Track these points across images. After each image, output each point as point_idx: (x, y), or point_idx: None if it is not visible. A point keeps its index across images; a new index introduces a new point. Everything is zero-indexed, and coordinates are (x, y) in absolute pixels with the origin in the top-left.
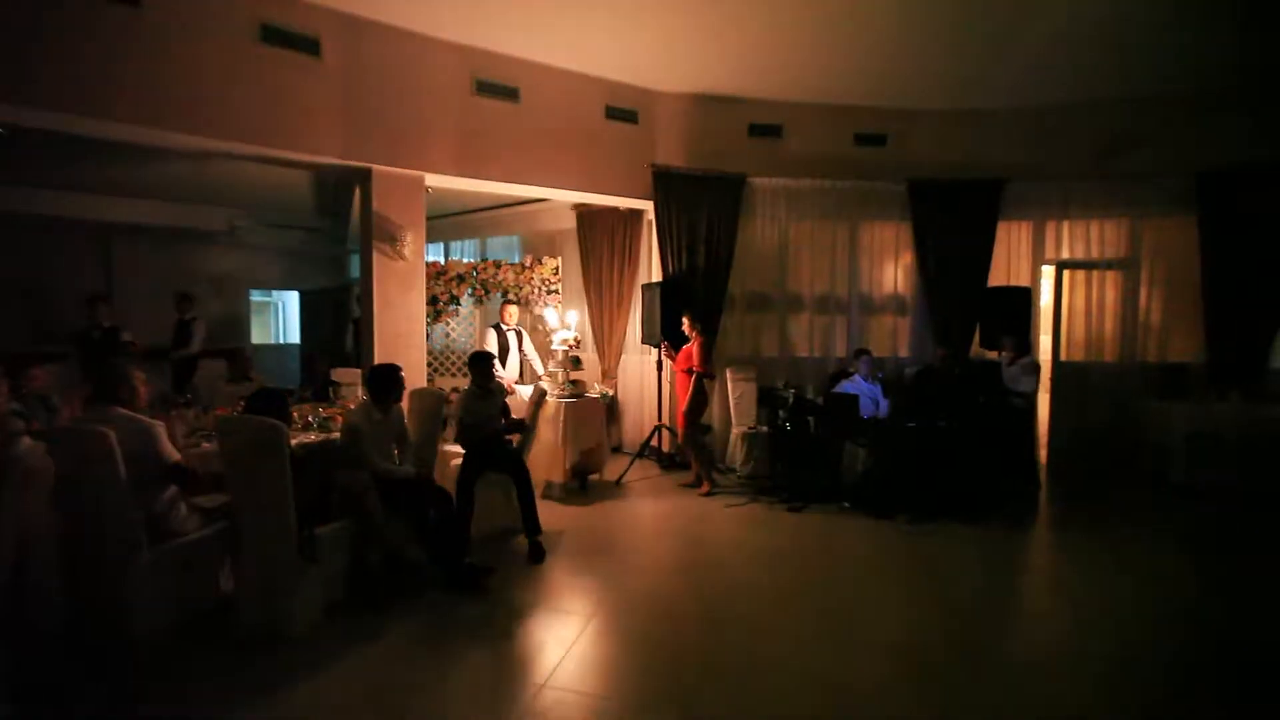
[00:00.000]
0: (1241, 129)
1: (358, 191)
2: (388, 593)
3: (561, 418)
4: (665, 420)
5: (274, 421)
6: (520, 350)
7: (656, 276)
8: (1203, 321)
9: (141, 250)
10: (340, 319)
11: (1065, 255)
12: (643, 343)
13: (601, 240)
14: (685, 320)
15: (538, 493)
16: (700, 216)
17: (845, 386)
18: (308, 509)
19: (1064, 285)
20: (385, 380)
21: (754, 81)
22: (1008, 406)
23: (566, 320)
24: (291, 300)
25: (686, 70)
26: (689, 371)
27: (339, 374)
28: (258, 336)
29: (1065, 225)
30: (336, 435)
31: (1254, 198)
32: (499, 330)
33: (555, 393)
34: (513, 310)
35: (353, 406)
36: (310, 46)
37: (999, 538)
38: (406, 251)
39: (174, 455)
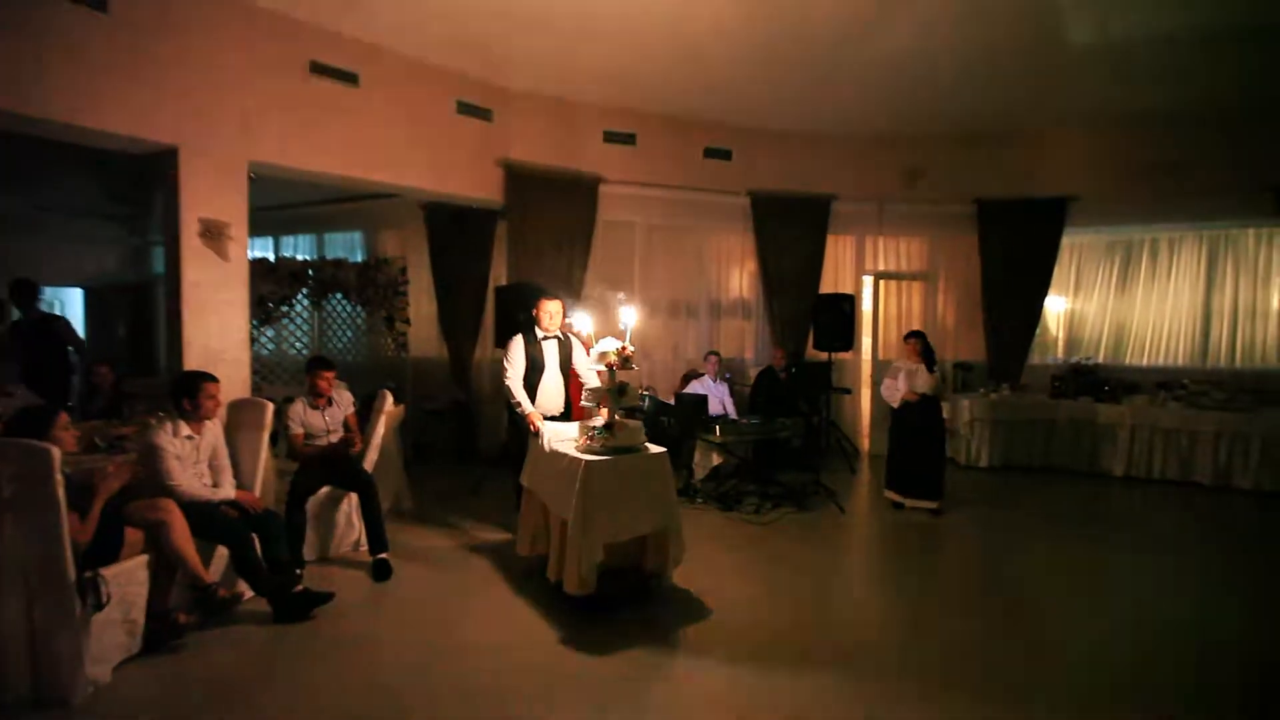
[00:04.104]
0: (1014, 164)
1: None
2: (196, 638)
3: (579, 486)
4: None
5: (41, 445)
6: (564, 368)
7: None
8: (982, 326)
9: None
10: (142, 320)
11: (881, 267)
12: (497, 346)
13: (452, 239)
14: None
15: (385, 506)
16: (554, 218)
17: (695, 387)
18: (92, 546)
19: (880, 293)
20: (190, 390)
21: (609, 90)
22: (928, 411)
23: (622, 321)
24: (73, 299)
25: (543, 72)
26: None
27: (134, 386)
28: None
29: (881, 241)
30: (131, 456)
31: (1021, 225)
32: (528, 339)
33: (580, 444)
34: (552, 309)
35: (153, 422)
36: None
37: (832, 522)
38: (227, 245)
39: None
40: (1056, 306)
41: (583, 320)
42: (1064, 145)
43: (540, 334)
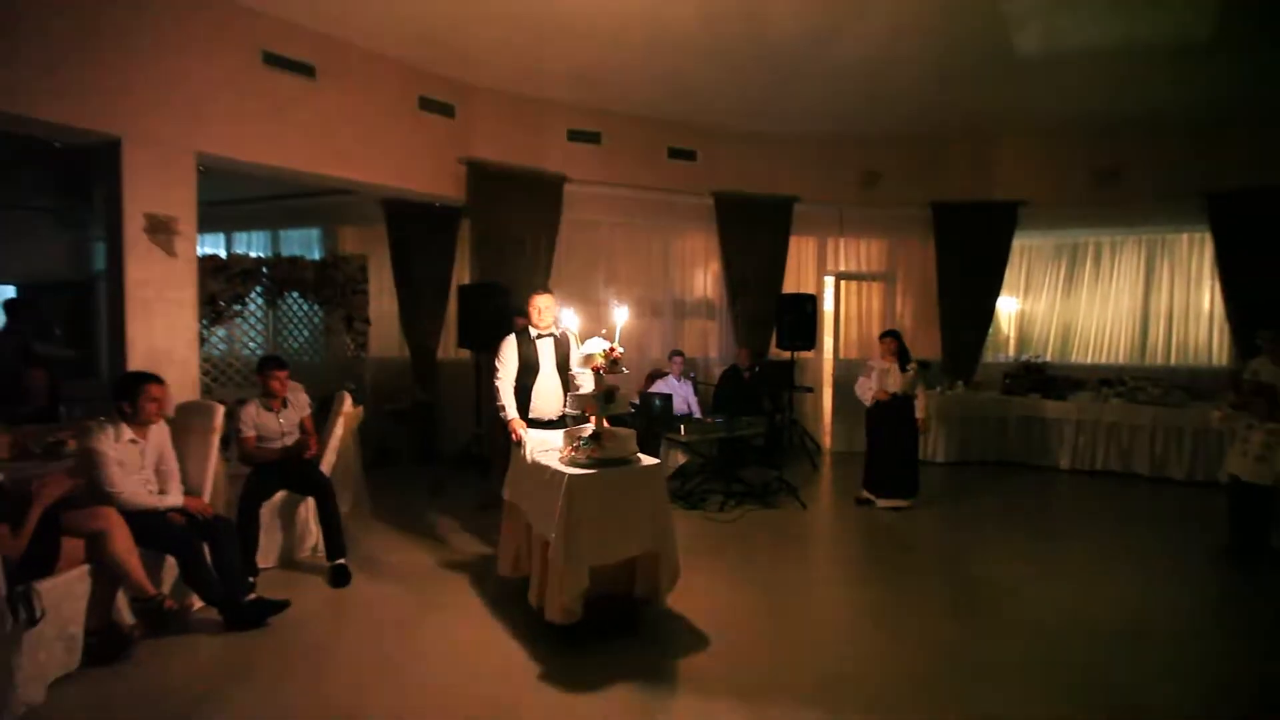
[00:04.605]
0: (967, 169)
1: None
2: (142, 651)
3: (562, 503)
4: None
5: None
6: (564, 370)
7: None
8: (938, 326)
9: None
10: (81, 320)
11: (842, 268)
12: (460, 346)
13: (414, 237)
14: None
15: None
16: (518, 216)
17: (660, 386)
18: (26, 557)
19: (841, 294)
20: (130, 392)
21: (574, 88)
22: (900, 410)
23: (612, 319)
24: (5, 296)
25: (506, 68)
26: None
27: (72, 389)
28: None
29: (841, 242)
30: (69, 464)
31: (974, 228)
32: (521, 339)
33: (564, 455)
34: (544, 303)
35: (93, 426)
36: None
37: (800, 521)
38: (175, 241)
39: None
40: (1008, 307)
41: (568, 318)
42: (1014, 151)
43: (534, 332)
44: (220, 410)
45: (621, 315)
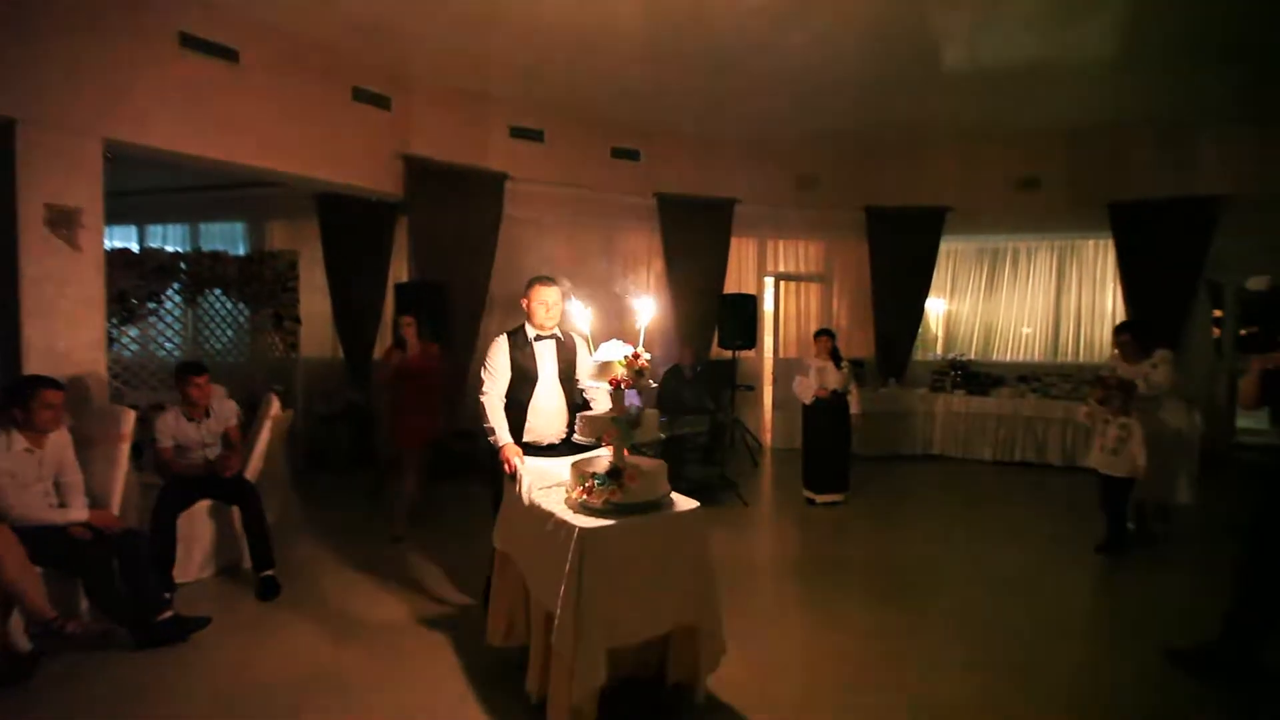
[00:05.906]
0: (898, 174)
1: None
2: (41, 675)
3: (570, 568)
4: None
5: None
6: (567, 379)
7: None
8: (872, 325)
9: None
10: None
11: (781, 269)
12: (395, 347)
13: (348, 233)
14: (411, 323)
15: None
16: (458, 213)
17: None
18: None
19: (780, 294)
20: (21, 398)
21: (517, 84)
22: (838, 407)
23: (638, 315)
24: None
25: (446, 61)
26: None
27: None
28: None
29: (780, 244)
30: None
31: (904, 231)
32: (515, 341)
33: (573, 498)
34: (550, 298)
35: None
36: None
37: (737, 515)
38: (79, 234)
39: None
40: (936, 308)
41: (581, 313)
42: (939, 159)
43: (533, 332)
44: (129, 416)
45: (646, 311)
